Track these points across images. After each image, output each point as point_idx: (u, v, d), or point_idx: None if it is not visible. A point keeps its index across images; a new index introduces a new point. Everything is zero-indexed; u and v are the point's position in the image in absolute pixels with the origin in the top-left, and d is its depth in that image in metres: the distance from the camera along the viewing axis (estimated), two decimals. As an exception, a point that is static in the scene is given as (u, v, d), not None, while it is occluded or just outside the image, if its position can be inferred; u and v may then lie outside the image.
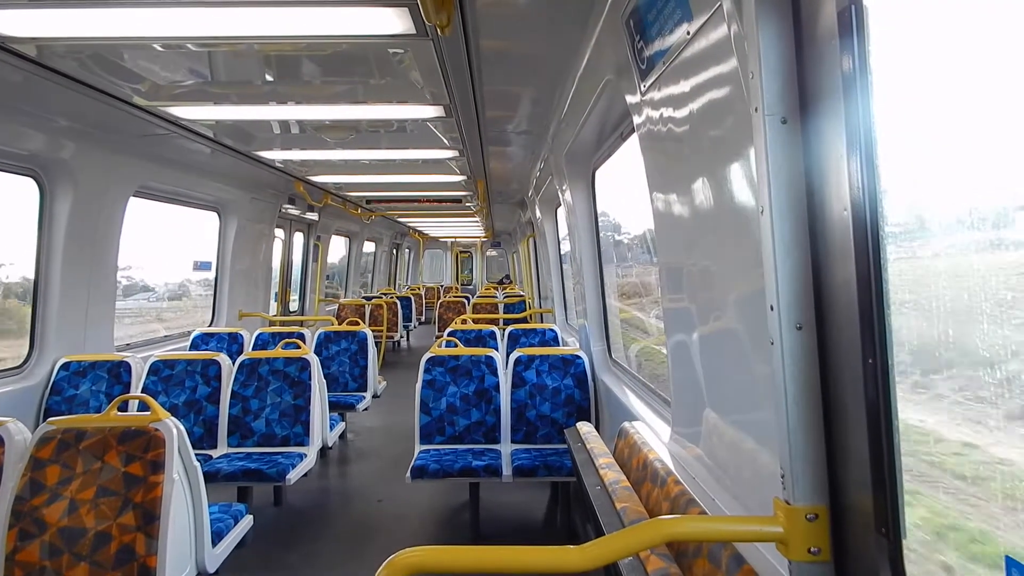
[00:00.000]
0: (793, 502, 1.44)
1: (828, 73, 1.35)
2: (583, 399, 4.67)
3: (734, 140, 1.73)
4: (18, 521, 2.66)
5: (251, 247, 7.85)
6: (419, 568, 1.42)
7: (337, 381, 6.58)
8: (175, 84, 3.63)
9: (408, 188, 8.55)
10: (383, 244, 17.85)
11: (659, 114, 2.33)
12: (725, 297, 2.00)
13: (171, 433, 2.81)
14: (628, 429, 3.00)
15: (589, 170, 5.10)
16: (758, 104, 1.44)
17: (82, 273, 4.86)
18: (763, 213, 1.46)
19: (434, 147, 5.61)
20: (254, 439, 4.65)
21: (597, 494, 2.46)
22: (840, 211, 1.34)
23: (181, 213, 6.84)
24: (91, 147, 4.57)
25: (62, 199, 4.58)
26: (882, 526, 1.29)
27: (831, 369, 1.43)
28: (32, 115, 3.95)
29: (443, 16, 2.35)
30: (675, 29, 1.97)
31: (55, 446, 2.78)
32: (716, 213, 1.96)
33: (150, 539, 2.65)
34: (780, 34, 1.43)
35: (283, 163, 6.40)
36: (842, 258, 1.35)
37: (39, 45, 2.98)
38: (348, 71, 3.50)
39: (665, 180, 2.42)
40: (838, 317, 1.39)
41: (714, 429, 2.20)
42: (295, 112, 4.33)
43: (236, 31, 2.84)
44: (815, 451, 1.44)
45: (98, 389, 4.73)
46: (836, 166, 1.34)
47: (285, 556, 4.24)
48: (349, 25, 2.79)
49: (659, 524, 1.48)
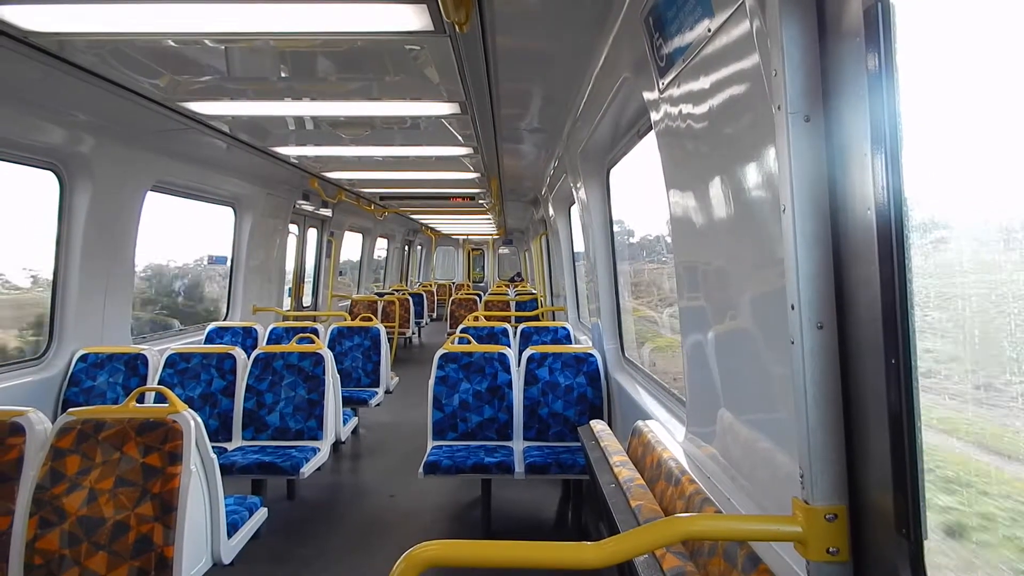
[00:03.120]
0: (812, 502, 1.43)
1: (852, 71, 1.34)
2: (596, 397, 4.67)
3: (755, 137, 1.72)
4: (39, 509, 2.70)
5: (265, 242, 7.91)
6: (437, 561, 1.43)
7: (350, 376, 6.61)
8: (193, 79, 3.66)
9: (421, 185, 8.57)
10: (396, 241, 17.92)
11: (678, 111, 2.31)
12: (742, 296, 1.99)
13: (189, 425, 2.84)
14: (642, 428, 2.99)
15: (604, 168, 5.09)
16: (781, 102, 1.43)
17: (100, 266, 4.91)
18: (785, 211, 1.45)
19: (448, 144, 5.61)
20: (268, 432, 4.69)
21: (612, 492, 2.46)
22: (864, 210, 1.33)
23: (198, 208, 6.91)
24: (110, 141, 4.62)
25: (81, 193, 4.64)
26: (903, 527, 1.28)
27: (852, 369, 1.42)
28: (52, 109, 3.99)
29: (462, 13, 2.35)
30: (696, 26, 1.95)
31: (75, 436, 2.82)
32: (735, 211, 1.95)
33: (167, 529, 2.68)
34: (804, 31, 1.42)
35: (298, 159, 6.43)
36: (865, 257, 1.34)
37: (60, 40, 3.01)
38: (364, 67, 3.50)
39: (683, 177, 2.41)
40: (860, 317, 1.38)
41: (729, 429, 2.19)
42: (311, 108, 4.35)
43: (254, 27, 2.85)
44: (835, 451, 1.43)
45: (115, 381, 4.79)
46: (860, 165, 1.33)
47: (298, 549, 4.27)
48: (367, 21, 2.79)
49: (676, 522, 1.47)
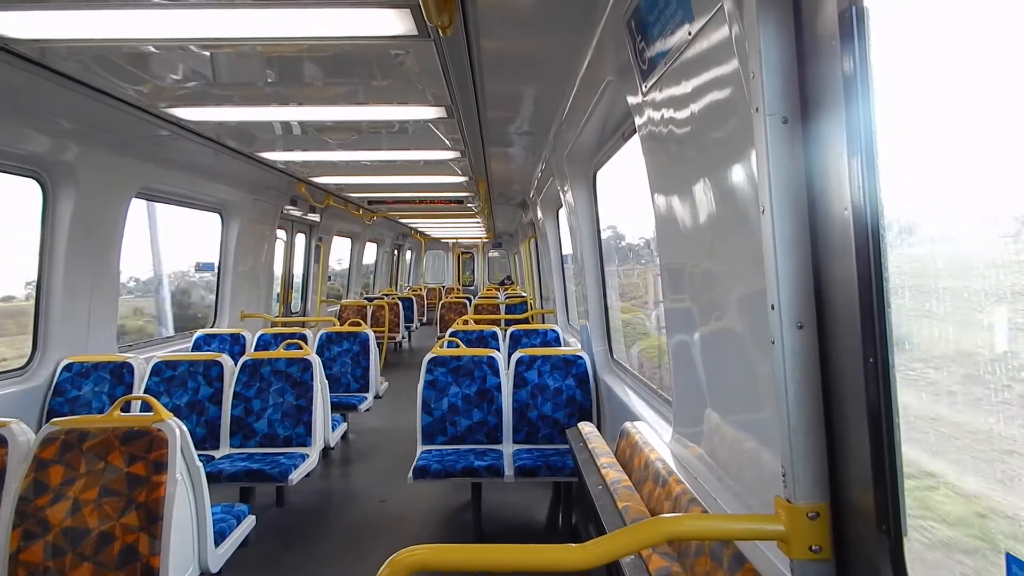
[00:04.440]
0: (794, 500, 1.44)
1: (829, 73, 1.35)
2: (585, 399, 4.67)
3: (735, 140, 1.73)
4: (22, 521, 2.67)
5: (253, 248, 7.87)
6: (421, 566, 1.43)
7: (339, 382, 6.58)
8: (177, 85, 3.64)
9: (410, 189, 8.57)
10: (385, 245, 17.87)
11: (660, 115, 2.33)
12: (726, 297, 2.00)
13: (174, 433, 2.82)
14: (630, 429, 3.00)
15: (590, 171, 5.11)
16: (759, 104, 1.45)
17: (85, 274, 4.87)
18: (764, 213, 1.47)
19: (435, 148, 5.61)
20: (256, 440, 4.66)
21: (599, 493, 2.47)
22: (840, 210, 1.35)
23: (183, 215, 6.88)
24: (94, 148, 4.58)
25: (65, 200, 4.59)
26: (883, 523, 1.30)
27: (832, 368, 1.44)
28: (35, 117, 3.96)
29: (445, 17, 2.36)
30: (676, 30, 1.97)
31: (59, 447, 2.79)
32: (717, 213, 1.96)
33: (153, 539, 2.66)
34: (781, 34, 1.44)
35: (285, 164, 6.42)
36: (843, 257, 1.36)
37: (42, 47, 2.99)
38: (350, 72, 3.50)
39: (666, 181, 2.43)
40: (839, 316, 1.39)
41: (715, 429, 2.20)
42: (297, 113, 4.34)
43: (238, 33, 2.85)
44: (816, 450, 1.45)
45: (101, 390, 4.74)
46: (836, 166, 1.35)
47: (287, 556, 4.24)
48: (351, 26, 2.80)
49: (661, 523, 1.48)
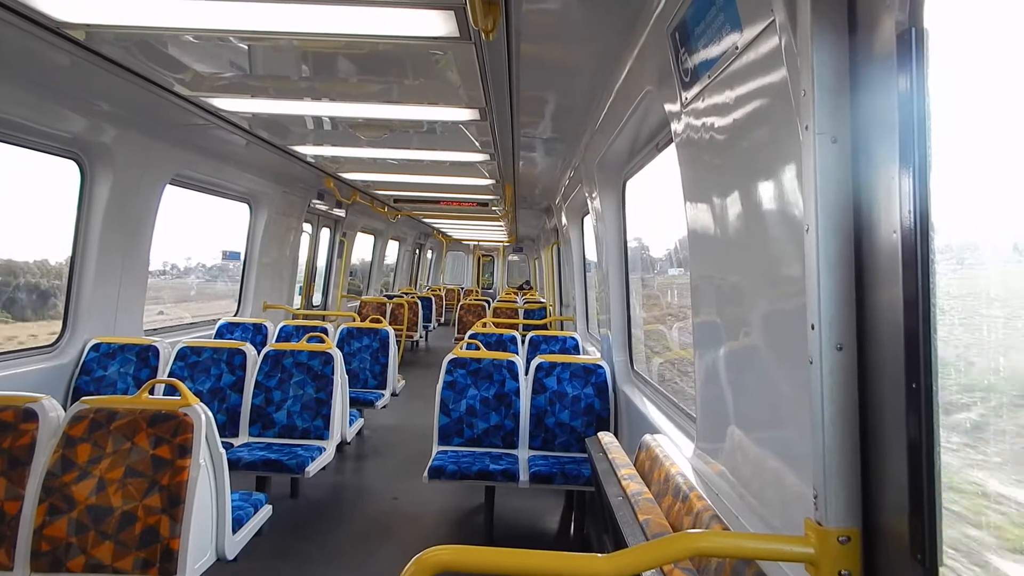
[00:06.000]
0: (825, 523, 1.42)
1: (883, 94, 1.33)
2: (603, 409, 4.65)
3: (779, 155, 1.72)
4: (48, 496, 2.72)
5: (279, 240, 7.96)
6: (446, 567, 1.43)
7: (357, 377, 6.62)
8: (215, 75, 3.69)
9: (436, 189, 8.60)
10: (407, 243, 17.98)
11: (700, 124, 2.31)
12: (758, 314, 1.98)
13: (200, 419, 2.85)
14: (649, 442, 2.98)
15: (620, 180, 5.09)
16: (809, 123, 1.43)
17: (116, 257, 4.96)
18: (808, 231, 1.45)
19: (465, 149, 5.63)
20: (275, 430, 4.71)
21: (619, 504, 2.45)
22: (889, 233, 1.33)
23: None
24: (131, 133, 4.67)
25: (102, 182, 4.69)
26: (918, 552, 1.27)
27: (870, 390, 1.41)
28: (77, 98, 4.04)
29: (490, 21, 2.37)
30: (723, 41, 1.96)
31: (87, 425, 2.84)
32: (754, 227, 1.94)
33: (174, 522, 2.69)
34: (835, 52, 1.42)
35: (315, 158, 6.47)
36: (888, 280, 1.34)
37: (88, 30, 3.05)
38: (384, 70, 3.53)
39: (702, 191, 2.41)
40: (881, 340, 1.37)
41: (739, 446, 2.17)
42: (330, 108, 4.38)
43: (280, 26, 2.88)
44: (850, 473, 1.42)
45: (126, 371, 4.82)
46: (887, 188, 1.33)
47: (300, 547, 4.27)
48: (393, 26, 2.81)
49: (687, 538, 1.47)
